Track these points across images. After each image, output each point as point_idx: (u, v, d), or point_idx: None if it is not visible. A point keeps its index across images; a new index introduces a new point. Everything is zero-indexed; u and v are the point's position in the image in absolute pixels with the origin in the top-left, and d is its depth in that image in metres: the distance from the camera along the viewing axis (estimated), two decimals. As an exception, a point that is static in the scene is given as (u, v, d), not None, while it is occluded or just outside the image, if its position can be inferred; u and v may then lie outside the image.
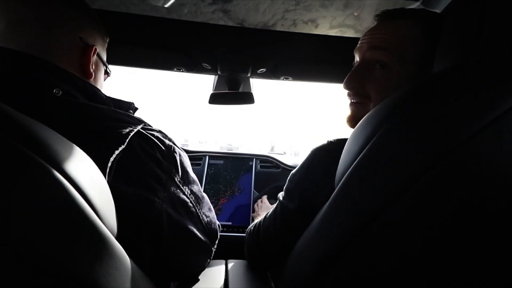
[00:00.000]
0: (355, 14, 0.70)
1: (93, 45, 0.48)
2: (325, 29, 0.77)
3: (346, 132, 0.50)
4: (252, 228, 0.66)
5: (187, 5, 0.67)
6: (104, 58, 0.54)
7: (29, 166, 0.24)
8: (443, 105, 0.29)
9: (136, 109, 0.52)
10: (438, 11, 0.66)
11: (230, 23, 0.75)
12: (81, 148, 0.32)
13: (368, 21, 0.72)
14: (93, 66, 0.49)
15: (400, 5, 0.66)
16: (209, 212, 0.55)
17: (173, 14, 0.72)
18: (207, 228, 0.54)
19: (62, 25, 0.44)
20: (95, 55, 0.49)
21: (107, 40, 0.56)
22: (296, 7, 0.67)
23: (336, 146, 0.49)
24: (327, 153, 0.50)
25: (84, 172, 0.29)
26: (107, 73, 0.56)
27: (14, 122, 0.25)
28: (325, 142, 0.51)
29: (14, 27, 0.41)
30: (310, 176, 0.51)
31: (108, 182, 0.34)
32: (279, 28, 0.77)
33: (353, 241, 0.31)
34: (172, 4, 0.66)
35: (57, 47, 0.44)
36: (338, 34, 0.79)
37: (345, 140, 0.44)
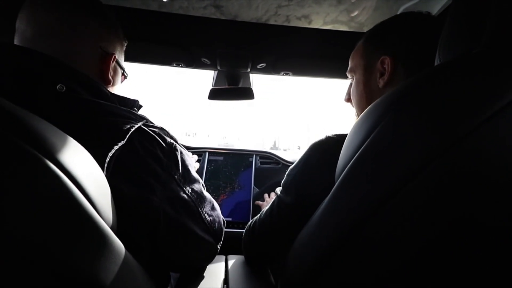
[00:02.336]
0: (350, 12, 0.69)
1: (113, 53, 0.50)
2: (318, 25, 0.76)
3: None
4: (250, 223, 0.66)
5: (178, 0, 0.67)
6: (122, 62, 0.55)
7: (25, 159, 0.24)
8: (444, 98, 0.28)
9: (140, 106, 0.52)
10: (436, 9, 0.65)
11: (222, 18, 0.74)
12: (81, 142, 0.32)
13: (362, 17, 0.71)
14: (112, 73, 0.50)
15: (393, 1, 0.65)
16: (212, 211, 0.55)
17: (164, 9, 0.71)
18: (210, 227, 0.53)
19: (84, 35, 0.46)
20: (114, 62, 0.50)
21: (125, 44, 0.57)
22: (289, 3, 0.67)
23: (334, 141, 0.48)
24: (326, 148, 0.49)
25: (81, 166, 0.29)
26: (124, 75, 0.57)
27: (10, 115, 0.25)
28: (323, 137, 0.51)
29: (40, 36, 0.43)
30: (307, 171, 0.50)
31: (106, 177, 0.34)
32: (272, 24, 0.76)
33: (354, 235, 0.31)
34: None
35: (79, 55, 0.45)
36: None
37: (344, 135, 0.44)
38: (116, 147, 0.37)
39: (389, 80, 0.49)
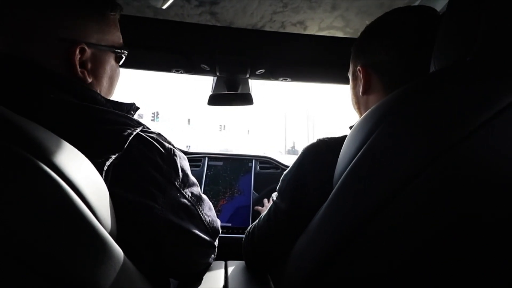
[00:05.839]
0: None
1: (78, 44, 0.41)
2: (313, 31, 0.76)
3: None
4: (249, 229, 0.66)
5: (173, 7, 0.67)
6: (105, 42, 0.46)
7: (23, 166, 0.24)
8: (439, 104, 0.29)
9: (137, 108, 0.50)
10: (437, 9, 0.66)
11: (219, 25, 0.75)
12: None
13: (357, 23, 0.71)
14: (89, 65, 0.44)
15: (387, 6, 0.65)
16: (210, 212, 0.55)
17: (160, 17, 0.72)
18: (209, 228, 0.54)
19: (37, 28, 0.39)
20: (88, 50, 0.43)
21: (112, 15, 0.46)
22: (284, 9, 0.67)
23: (326, 144, 0.48)
24: (318, 151, 0.49)
25: (81, 173, 0.29)
26: (119, 58, 0.50)
27: (10, 124, 0.25)
28: (315, 141, 0.51)
29: None
30: (300, 176, 0.50)
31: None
32: (268, 30, 0.76)
33: (353, 241, 0.31)
34: (158, 7, 0.66)
35: (40, 53, 0.40)
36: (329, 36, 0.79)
37: (336, 138, 0.44)
38: (113, 157, 0.37)
39: (366, 89, 0.49)
